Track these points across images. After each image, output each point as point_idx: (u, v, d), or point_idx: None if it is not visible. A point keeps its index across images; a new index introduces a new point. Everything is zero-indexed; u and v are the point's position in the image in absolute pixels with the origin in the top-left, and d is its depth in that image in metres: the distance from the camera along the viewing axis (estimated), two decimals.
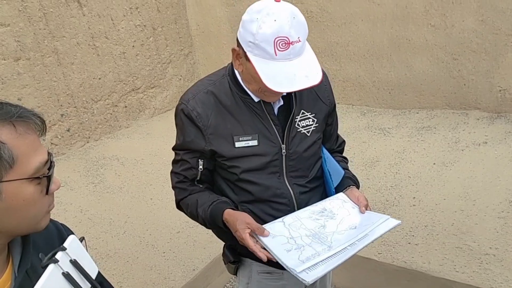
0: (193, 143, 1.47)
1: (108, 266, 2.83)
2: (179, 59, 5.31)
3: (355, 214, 1.50)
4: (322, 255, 1.32)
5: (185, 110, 1.46)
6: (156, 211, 3.38)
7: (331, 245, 1.36)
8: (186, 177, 1.55)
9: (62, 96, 4.21)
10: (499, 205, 2.84)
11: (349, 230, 1.43)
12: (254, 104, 1.45)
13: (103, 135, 4.60)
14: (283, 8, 1.28)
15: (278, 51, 1.27)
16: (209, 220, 1.49)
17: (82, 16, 4.29)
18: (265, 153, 1.46)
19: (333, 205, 1.53)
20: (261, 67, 1.28)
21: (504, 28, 3.72)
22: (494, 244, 2.56)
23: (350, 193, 1.57)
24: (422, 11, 4.02)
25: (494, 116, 3.93)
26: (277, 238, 1.37)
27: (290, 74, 1.28)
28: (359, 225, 1.46)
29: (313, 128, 1.54)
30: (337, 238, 1.39)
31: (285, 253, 1.32)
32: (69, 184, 3.74)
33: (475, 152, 3.46)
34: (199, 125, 1.44)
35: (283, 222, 1.44)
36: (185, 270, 2.80)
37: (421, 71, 4.21)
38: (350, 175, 1.66)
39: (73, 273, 0.90)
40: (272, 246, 1.34)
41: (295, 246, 1.35)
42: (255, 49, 1.29)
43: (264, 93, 1.41)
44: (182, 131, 1.50)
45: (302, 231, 1.41)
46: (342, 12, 4.41)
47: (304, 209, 1.50)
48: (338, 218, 1.47)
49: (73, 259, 0.92)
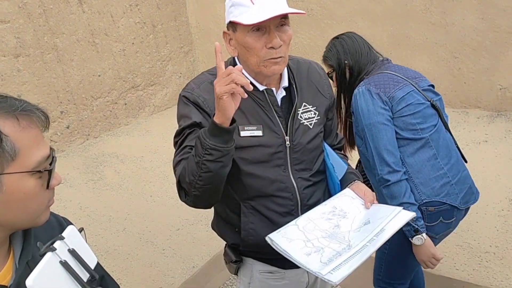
0: (202, 124, 1.40)
1: (107, 263, 2.82)
2: (179, 57, 5.30)
3: (365, 210, 1.49)
4: (344, 254, 1.30)
5: (191, 97, 1.43)
6: (155, 208, 3.37)
7: (350, 244, 1.34)
8: (191, 146, 1.38)
9: (62, 93, 4.20)
10: (499, 204, 2.84)
11: (363, 226, 1.42)
12: (258, 95, 1.45)
13: (102, 132, 4.59)
14: None
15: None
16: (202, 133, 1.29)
17: (82, 13, 4.28)
18: (270, 144, 1.46)
19: (343, 203, 1.51)
20: (244, 18, 1.32)
21: (504, 26, 3.72)
22: (494, 242, 2.56)
23: (356, 187, 1.56)
24: (422, 9, 4.02)
25: (494, 114, 3.93)
26: (294, 242, 1.35)
27: (270, 9, 1.32)
28: (372, 219, 1.44)
29: (315, 120, 1.54)
30: (354, 236, 1.38)
31: (305, 257, 1.30)
32: (68, 181, 3.74)
33: (475, 151, 3.45)
34: (207, 110, 1.42)
35: (297, 225, 1.42)
36: (185, 267, 2.79)
37: (421, 69, 4.20)
38: (352, 170, 1.66)
39: (71, 262, 0.91)
40: (292, 252, 1.32)
41: (314, 249, 1.33)
42: (235, 10, 1.35)
43: (264, 65, 1.38)
44: (189, 114, 1.42)
45: (318, 232, 1.39)
46: (342, 10, 4.40)
47: (314, 209, 1.48)
48: (351, 217, 1.46)
49: (71, 249, 0.92)
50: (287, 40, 1.38)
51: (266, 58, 1.37)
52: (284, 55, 1.39)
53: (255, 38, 1.34)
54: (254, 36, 1.34)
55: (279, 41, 1.34)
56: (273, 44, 1.34)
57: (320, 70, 1.62)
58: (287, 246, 1.34)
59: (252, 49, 1.36)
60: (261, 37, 1.34)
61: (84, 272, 0.93)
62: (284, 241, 1.36)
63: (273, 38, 1.33)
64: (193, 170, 1.32)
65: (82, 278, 0.92)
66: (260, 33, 1.34)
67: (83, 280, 0.92)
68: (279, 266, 1.56)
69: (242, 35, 1.35)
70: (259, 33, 1.34)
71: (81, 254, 0.93)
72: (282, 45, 1.36)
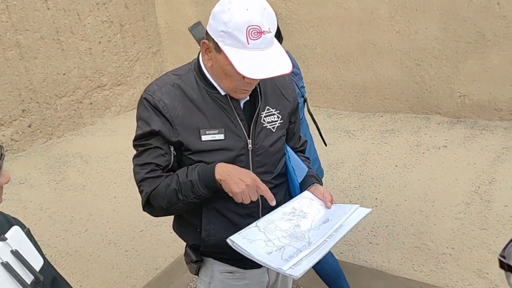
0: (162, 132, 1.42)
1: (68, 264, 2.77)
2: (147, 57, 5.25)
3: (324, 210, 1.53)
4: (304, 251, 1.33)
5: (151, 101, 1.42)
6: (119, 209, 3.33)
7: (310, 241, 1.38)
8: (158, 164, 1.43)
9: (24, 91, 4.10)
10: (457, 207, 2.93)
11: (323, 224, 1.46)
12: (221, 98, 1.45)
13: (66, 132, 4.50)
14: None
15: (250, 40, 1.28)
16: (198, 181, 1.38)
17: (46, 10, 4.19)
18: (231, 147, 1.46)
19: (302, 204, 1.54)
20: (234, 56, 1.28)
21: (465, 36, 3.85)
22: (450, 244, 2.65)
23: (315, 189, 1.59)
24: (388, 17, 4.12)
25: (454, 121, 4.06)
26: (255, 242, 1.37)
27: (262, 63, 1.29)
28: (331, 217, 1.48)
29: (278, 124, 1.55)
30: (314, 233, 1.41)
31: (266, 256, 1.32)
32: (29, 181, 3.65)
33: (435, 156, 3.56)
34: (167, 116, 1.41)
35: (257, 226, 1.44)
36: (148, 269, 2.77)
37: (385, 76, 4.31)
38: (313, 173, 1.69)
39: (14, 264, 0.89)
40: (252, 251, 1.33)
41: (275, 247, 1.36)
42: (227, 38, 1.30)
43: (235, 91, 1.41)
44: (148, 120, 1.42)
45: (278, 232, 1.42)
46: (310, 15, 4.46)
47: (274, 211, 1.50)
48: (310, 217, 1.49)
49: (14, 250, 0.90)
50: None
51: (240, 87, 1.38)
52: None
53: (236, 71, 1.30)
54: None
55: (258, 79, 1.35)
56: (252, 82, 1.37)
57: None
58: (248, 246, 1.35)
59: (229, 76, 1.36)
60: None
61: (28, 274, 0.91)
62: (245, 242, 1.37)
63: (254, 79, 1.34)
64: (172, 201, 1.42)
65: (26, 280, 0.90)
66: None
67: (26, 282, 0.90)
68: (239, 266, 1.57)
69: (225, 62, 1.32)
70: None
71: (25, 255, 0.92)
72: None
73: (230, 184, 1.36)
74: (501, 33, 3.71)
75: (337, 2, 4.30)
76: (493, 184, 3.10)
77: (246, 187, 1.36)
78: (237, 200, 1.38)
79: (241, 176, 1.38)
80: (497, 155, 3.44)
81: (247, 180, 1.37)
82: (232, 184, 1.36)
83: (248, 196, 1.37)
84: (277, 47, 1.36)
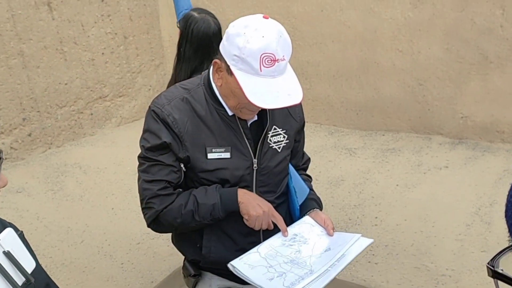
0: (172, 146, 1.40)
1: (62, 275, 2.73)
2: (150, 69, 5.26)
3: (325, 237, 1.53)
4: (306, 279, 1.34)
5: (161, 115, 1.40)
6: (116, 221, 3.30)
7: (312, 269, 1.38)
8: (169, 181, 1.42)
9: (25, 100, 4.10)
10: (457, 228, 2.90)
11: (324, 252, 1.46)
12: (228, 116, 1.44)
13: (66, 141, 4.49)
14: (271, 25, 1.30)
15: (263, 67, 1.27)
16: (220, 204, 1.40)
17: (51, 20, 4.21)
18: (237, 166, 1.45)
19: (303, 230, 1.54)
20: (245, 82, 1.28)
21: (468, 57, 3.86)
22: (450, 265, 2.62)
23: (316, 215, 1.58)
24: (391, 36, 4.13)
25: (455, 141, 4.05)
26: (256, 268, 1.37)
27: (274, 91, 1.28)
28: (332, 246, 1.48)
29: (284, 144, 1.54)
30: (315, 261, 1.41)
31: (268, 282, 1.32)
32: (26, 190, 3.63)
33: (436, 176, 3.54)
34: (176, 131, 1.40)
35: (258, 252, 1.44)
36: (144, 282, 2.73)
37: (388, 94, 4.31)
38: (314, 196, 1.68)
39: (6, 265, 0.89)
40: (254, 277, 1.34)
41: (277, 274, 1.36)
42: (239, 63, 1.28)
43: (241, 110, 1.40)
44: (158, 133, 1.40)
45: (279, 258, 1.42)
46: (313, 32, 4.48)
47: (275, 236, 1.49)
48: (311, 243, 1.49)
49: (7, 251, 0.90)
50: None
51: (246, 108, 1.38)
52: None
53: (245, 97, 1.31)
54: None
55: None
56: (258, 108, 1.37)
57: None
58: (249, 272, 1.36)
59: (237, 97, 1.35)
60: None
61: (20, 275, 0.91)
62: (246, 268, 1.37)
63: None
64: (186, 221, 1.44)
65: (17, 281, 0.89)
66: None
67: (18, 283, 0.89)
68: (237, 281, 1.55)
69: (235, 85, 1.32)
70: None
71: (18, 257, 0.91)
72: None
73: (249, 207, 1.40)
74: (504, 55, 3.72)
75: (341, 20, 4.32)
76: (494, 206, 3.08)
77: (262, 213, 1.41)
78: (250, 224, 1.42)
79: (260, 202, 1.43)
80: (499, 177, 3.42)
81: (265, 207, 1.42)
82: (251, 207, 1.40)
83: (261, 222, 1.42)
84: (289, 74, 1.35)
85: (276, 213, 1.46)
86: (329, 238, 1.52)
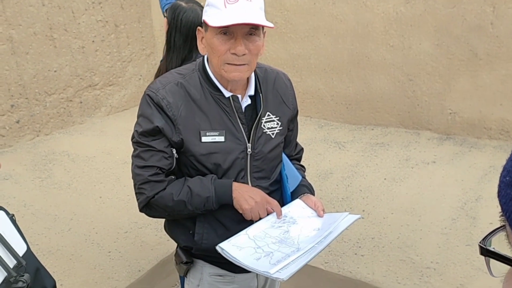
0: (164, 130, 1.41)
1: (49, 263, 2.72)
2: (140, 59, 5.23)
3: (315, 218, 1.53)
4: (292, 256, 1.34)
5: (155, 98, 1.41)
6: (104, 209, 3.29)
7: (299, 247, 1.39)
8: (161, 168, 1.43)
9: (14, 86, 4.05)
10: (443, 222, 2.94)
11: (313, 231, 1.46)
12: (223, 100, 1.45)
13: (54, 129, 4.45)
14: None
15: (227, 4, 1.33)
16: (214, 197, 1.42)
17: (41, 6, 4.16)
18: (231, 150, 1.46)
19: (292, 211, 1.55)
20: (212, 20, 1.33)
21: (457, 54, 3.89)
22: (435, 258, 2.65)
23: (306, 199, 1.60)
24: (382, 31, 4.15)
25: (443, 137, 4.09)
26: (244, 249, 1.38)
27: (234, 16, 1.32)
28: (322, 226, 1.49)
29: (277, 130, 1.56)
30: (303, 240, 1.42)
31: (255, 262, 1.33)
32: (13, 177, 3.60)
33: (424, 171, 3.57)
34: (169, 114, 1.41)
35: (247, 234, 1.44)
36: (130, 270, 2.73)
37: (378, 89, 4.33)
38: (306, 183, 1.69)
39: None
40: (241, 258, 1.34)
41: (264, 253, 1.37)
42: (209, 10, 1.37)
43: (224, 67, 1.39)
44: (150, 117, 1.41)
45: (268, 239, 1.43)
46: (305, 25, 4.48)
47: (265, 219, 1.50)
48: (300, 223, 1.50)
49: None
50: (253, 50, 1.38)
51: (227, 62, 1.38)
52: (249, 63, 1.39)
53: (221, 41, 1.36)
54: (221, 39, 1.35)
55: (243, 49, 1.35)
56: (236, 51, 1.35)
57: (287, 81, 1.64)
58: (237, 253, 1.36)
59: (216, 51, 1.38)
60: (227, 42, 1.35)
61: (11, 258, 0.91)
62: (234, 249, 1.38)
63: (237, 45, 1.35)
64: (178, 209, 1.45)
65: (8, 263, 0.90)
66: (226, 37, 1.35)
67: (9, 266, 0.90)
68: (229, 269, 1.56)
69: (210, 36, 1.37)
70: (226, 37, 1.35)
71: (9, 240, 0.92)
72: (247, 53, 1.36)
73: (241, 201, 1.42)
74: (493, 52, 3.75)
75: (333, 14, 4.33)
76: (479, 201, 3.12)
77: (255, 204, 1.43)
78: (247, 217, 1.44)
79: (251, 193, 1.44)
80: (485, 173, 3.46)
81: (256, 197, 1.44)
82: (243, 201, 1.42)
83: (257, 213, 1.43)
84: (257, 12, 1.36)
85: (271, 199, 1.48)
86: (319, 219, 1.52)
